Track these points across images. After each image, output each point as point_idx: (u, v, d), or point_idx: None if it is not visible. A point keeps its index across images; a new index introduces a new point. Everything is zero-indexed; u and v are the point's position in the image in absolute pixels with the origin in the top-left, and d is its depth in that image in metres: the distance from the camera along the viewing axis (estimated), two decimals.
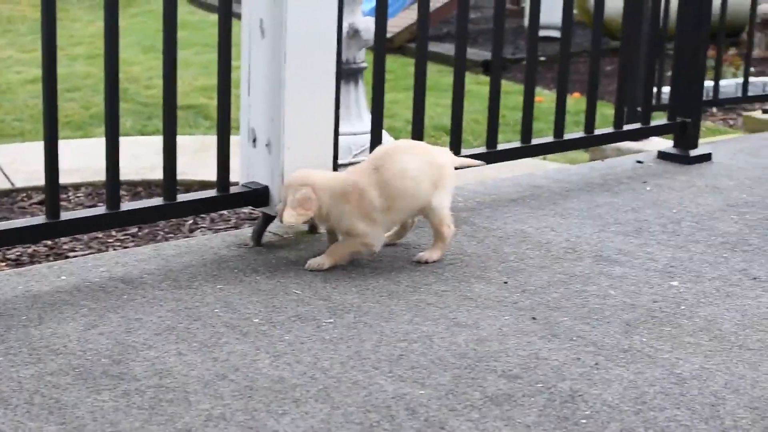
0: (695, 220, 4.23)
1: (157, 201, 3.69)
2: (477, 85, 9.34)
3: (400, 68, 10.24)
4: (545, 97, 8.99)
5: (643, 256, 3.78)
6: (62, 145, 3.58)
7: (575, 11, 12.67)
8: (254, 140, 3.82)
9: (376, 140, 4.06)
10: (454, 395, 2.69)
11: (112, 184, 3.51)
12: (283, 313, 3.16)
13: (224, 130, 3.75)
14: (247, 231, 3.93)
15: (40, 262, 4.46)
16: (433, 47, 10.59)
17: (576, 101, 8.24)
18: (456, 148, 4.31)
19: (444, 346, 2.97)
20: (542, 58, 10.87)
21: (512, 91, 8.99)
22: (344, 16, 4.28)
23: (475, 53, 11.04)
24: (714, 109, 9.26)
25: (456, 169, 3.75)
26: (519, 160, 4.78)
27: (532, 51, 4.60)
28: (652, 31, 5.33)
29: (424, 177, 3.57)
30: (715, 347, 3.05)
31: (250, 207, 3.95)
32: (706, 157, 5.21)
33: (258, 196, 3.81)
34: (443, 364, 2.86)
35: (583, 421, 2.59)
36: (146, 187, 5.89)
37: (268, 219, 3.79)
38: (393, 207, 3.55)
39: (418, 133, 4.17)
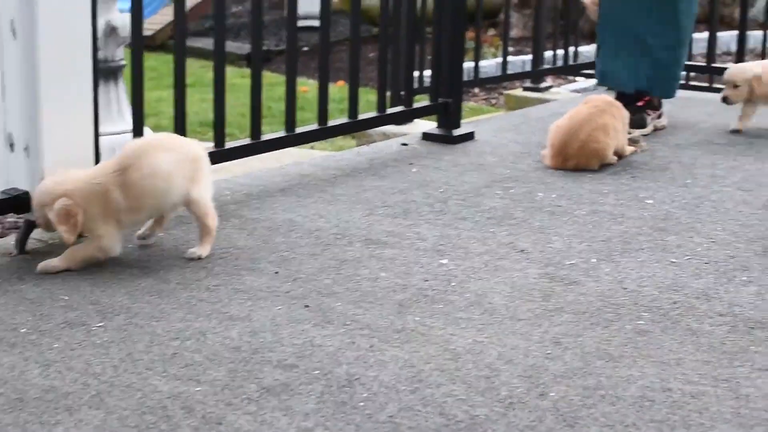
0: (461, 198, 4.30)
1: None
2: (242, 79, 9.28)
3: (162, 66, 10.09)
4: (310, 87, 9.00)
5: (413, 237, 3.82)
6: None
7: (336, 0, 12.74)
8: (12, 145, 3.69)
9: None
10: (230, 389, 2.66)
11: None
12: (52, 321, 3.06)
13: None
14: (9, 239, 3.80)
15: None
16: (196, 42, 10.50)
17: (341, 89, 8.28)
18: (220, 142, 4.28)
19: (218, 341, 2.93)
20: (305, 48, 10.90)
21: (277, 83, 8.95)
22: (100, 13, 4.17)
23: (237, 47, 10.99)
24: (476, 90, 9.45)
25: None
26: (287, 150, 4.77)
27: (291, 41, 4.59)
28: (409, 15, 5.39)
29: (177, 173, 3.51)
30: (486, 320, 3.10)
31: (13, 214, 3.83)
32: (469, 136, 5.31)
33: (19, 202, 3.68)
34: (218, 359, 2.82)
35: (362, 404, 2.59)
36: None
37: (31, 225, 3.67)
38: (141, 206, 3.49)
39: (181, 130, 4.11)
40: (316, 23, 10.88)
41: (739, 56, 6.85)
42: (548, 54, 7.17)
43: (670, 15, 5.56)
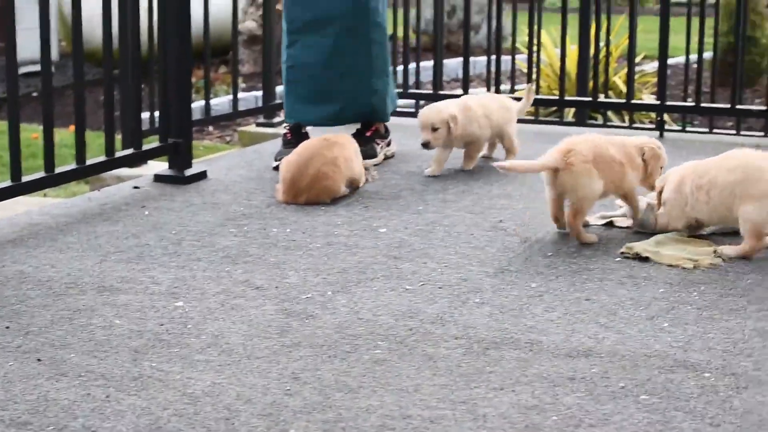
0: (196, 238, 4.26)
1: None
2: None
3: None
4: (41, 133, 8.75)
5: (147, 281, 3.76)
6: None
7: (63, 43, 12.50)
8: None
9: None
10: None
11: None
12: None
13: None
14: None
15: None
16: None
17: (72, 134, 8.09)
18: None
19: None
20: (35, 94, 10.64)
21: (3, 131, 8.71)
22: None
23: None
24: (210, 128, 9.42)
25: None
26: (18, 199, 4.64)
27: (12, 87, 4.47)
28: (134, 55, 5.32)
29: None
30: (224, 361, 3.07)
31: None
32: (202, 175, 5.26)
33: None
34: None
35: None
36: None
37: None
38: None
39: None
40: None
41: (465, 82, 7.03)
42: (279, 89, 7.19)
43: (364, 47, 5.63)
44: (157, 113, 5.70)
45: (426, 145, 5.29)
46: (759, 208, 4.01)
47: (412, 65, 7.22)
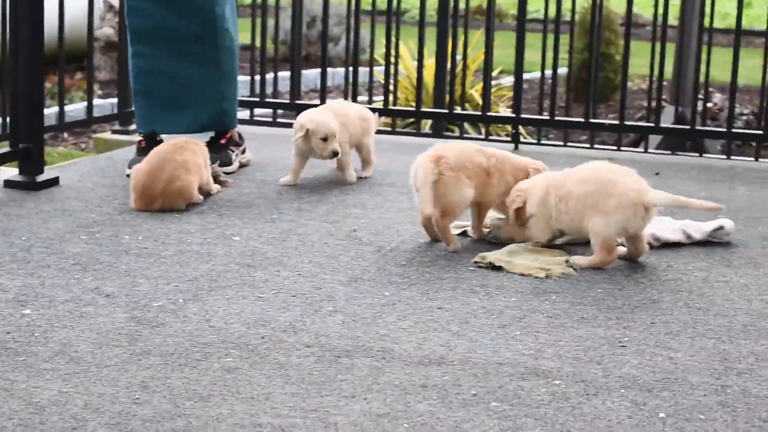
0: (45, 245, 4.17)
1: None
2: None
3: None
4: None
5: None
6: None
7: None
8: None
9: None
10: None
11: None
12: None
13: None
14: None
15: None
16: None
17: None
18: None
19: None
20: None
21: None
22: None
23: None
24: (65, 134, 9.25)
25: None
26: None
27: None
28: None
29: None
30: (72, 369, 3.01)
31: None
32: (54, 182, 5.16)
33: None
34: None
35: None
36: None
37: None
38: None
39: None
40: None
41: (323, 93, 7.03)
42: None
43: (213, 53, 5.59)
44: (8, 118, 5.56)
45: (337, 154, 5.22)
46: (607, 223, 4.06)
47: (270, 75, 7.20)
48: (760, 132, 6.65)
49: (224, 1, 5.58)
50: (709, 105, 9.70)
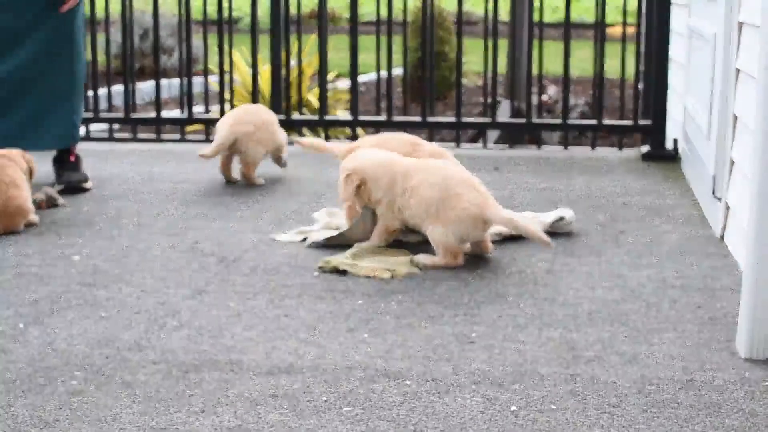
0: None
1: None
2: None
3: None
4: None
5: None
6: None
7: None
8: None
9: None
10: None
11: None
12: None
13: None
14: None
15: None
16: None
17: None
18: None
19: None
20: None
21: None
22: None
23: None
24: None
25: None
26: None
27: None
28: None
29: None
30: None
31: None
32: None
33: None
34: None
35: None
36: None
37: None
38: None
39: None
40: None
41: (158, 105, 6.94)
42: None
43: (67, 64, 5.39)
44: None
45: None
46: (446, 233, 4.08)
47: (103, 90, 7.08)
48: (595, 122, 6.78)
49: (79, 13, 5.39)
50: (544, 98, 9.88)
